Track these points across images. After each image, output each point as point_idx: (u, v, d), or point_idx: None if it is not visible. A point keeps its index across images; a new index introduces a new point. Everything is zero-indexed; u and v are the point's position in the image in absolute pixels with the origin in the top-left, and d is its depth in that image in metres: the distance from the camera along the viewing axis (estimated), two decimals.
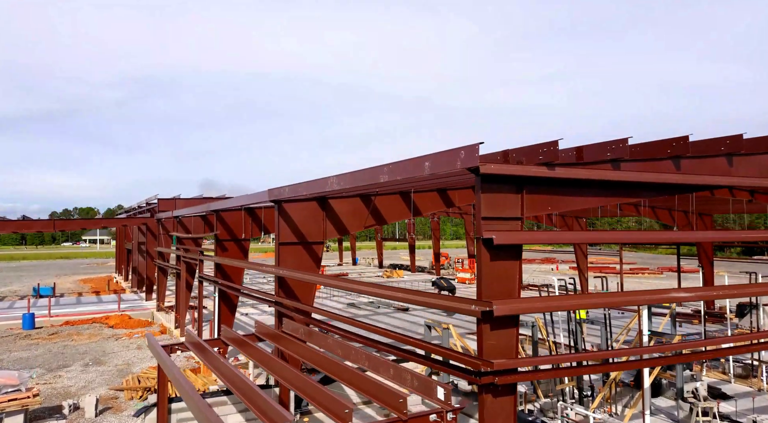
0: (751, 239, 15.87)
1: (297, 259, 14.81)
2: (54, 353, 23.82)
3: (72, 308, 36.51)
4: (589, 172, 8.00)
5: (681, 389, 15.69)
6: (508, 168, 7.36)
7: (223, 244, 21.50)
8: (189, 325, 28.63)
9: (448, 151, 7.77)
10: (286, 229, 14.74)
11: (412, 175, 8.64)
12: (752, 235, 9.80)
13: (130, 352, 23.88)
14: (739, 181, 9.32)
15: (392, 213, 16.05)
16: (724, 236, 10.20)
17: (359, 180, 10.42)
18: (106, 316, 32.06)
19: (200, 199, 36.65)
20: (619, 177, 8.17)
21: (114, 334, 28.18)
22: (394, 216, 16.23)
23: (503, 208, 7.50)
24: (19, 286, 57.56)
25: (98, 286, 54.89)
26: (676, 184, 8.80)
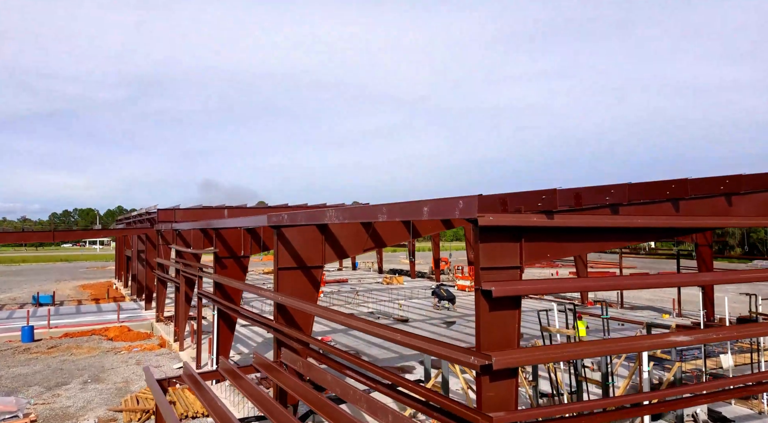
0: (754, 280, 16.05)
1: (296, 284, 14.76)
2: (53, 369, 23.79)
3: (71, 318, 36.49)
4: (588, 219, 7.98)
5: (681, 415, 15.67)
6: (506, 219, 7.33)
7: (222, 262, 21.47)
8: (188, 337, 28.62)
9: (447, 199, 7.75)
10: (285, 254, 14.70)
11: (410, 218, 8.61)
12: (755, 275, 9.77)
13: (129, 367, 23.84)
14: (738, 222, 9.31)
15: (392, 236, 16.03)
16: (728, 278, 10.17)
17: (357, 217, 10.39)
18: (105, 328, 32.03)
19: (200, 210, 36.62)
20: (618, 223, 8.15)
21: (113, 347, 28.15)
22: (394, 239, 16.21)
23: (502, 257, 7.47)
24: (19, 292, 57.56)
25: (98, 293, 54.90)
26: (675, 228, 8.78)
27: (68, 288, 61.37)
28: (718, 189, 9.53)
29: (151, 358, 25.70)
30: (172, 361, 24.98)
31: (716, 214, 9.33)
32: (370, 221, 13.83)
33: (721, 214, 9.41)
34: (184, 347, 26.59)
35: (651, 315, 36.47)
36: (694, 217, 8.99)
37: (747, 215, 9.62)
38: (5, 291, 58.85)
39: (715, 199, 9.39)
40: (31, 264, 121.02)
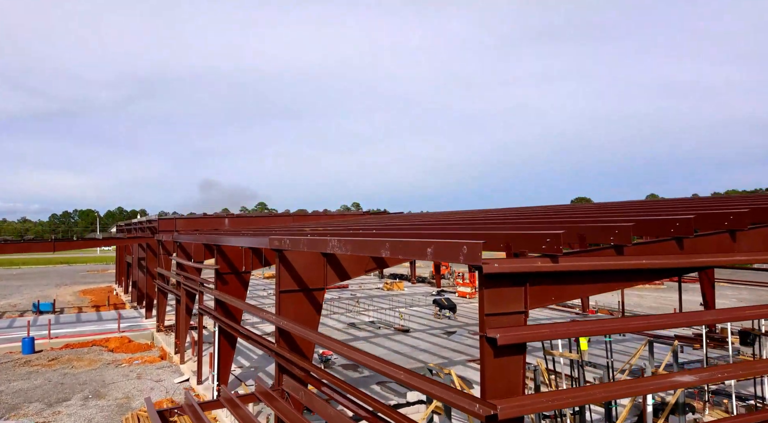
0: (756, 317, 16.17)
1: (298, 307, 14.72)
2: (54, 384, 23.74)
3: (72, 328, 36.46)
4: (594, 262, 7.93)
5: None
6: (511, 265, 7.29)
7: (223, 278, 21.41)
8: (189, 348, 28.57)
9: (451, 243, 7.70)
10: (286, 277, 14.67)
11: (413, 258, 8.57)
12: (757, 311, 9.73)
13: (130, 382, 23.79)
14: (743, 258, 9.27)
15: (395, 259, 15.98)
16: (732, 316, 10.13)
17: (359, 249, 10.35)
18: (106, 339, 31.99)
19: (201, 219, 36.62)
20: (623, 265, 8.10)
21: (114, 359, 28.11)
22: (397, 261, 16.17)
23: (506, 303, 7.43)
24: (19, 298, 57.52)
25: (98, 300, 54.84)
26: (679, 268, 8.74)
27: (68, 293, 61.32)
28: (722, 225, 9.49)
29: (152, 371, 25.66)
30: (172, 375, 24.93)
31: (721, 250, 9.29)
32: (372, 256, 13.72)
33: (726, 250, 9.36)
34: (185, 360, 26.55)
35: None
36: (700, 255, 8.94)
37: (751, 251, 9.58)
38: (5, 297, 58.81)
39: (720, 235, 9.35)
40: (32, 267, 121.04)
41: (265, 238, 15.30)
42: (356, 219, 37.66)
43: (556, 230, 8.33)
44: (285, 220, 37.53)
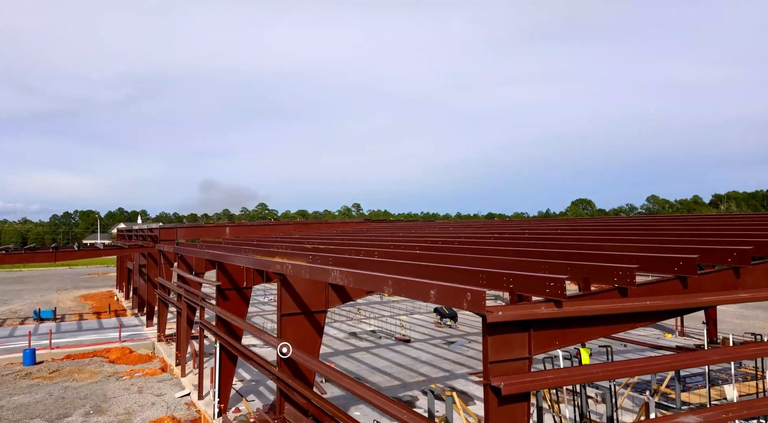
0: (758, 355, 16.26)
1: (299, 330, 14.71)
2: (54, 398, 23.72)
3: (73, 337, 36.43)
4: (598, 307, 7.90)
5: None
6: (515, 313, 7.26)
7: (224, 294, 21.37)
8: (190, 359, 28.55)
9: (455, 288, 7.69)
10: (288, 300, 14.65)
11: (415, 298, 8.55)
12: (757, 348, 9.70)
13: (131, 396, 23.77)
14: (746, 297, 9.23)
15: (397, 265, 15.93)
16: (738, 355, 10.09)
17: (361, 283, 10.32)
18: (107, 349, 31.98)
19: (202, 228, 36.59)
20: (627, 309, 8.07)
21: (115, 371, 28.09)
22: None
23: (510, 349, 7.41)
24: (20, 304, 57.55)
25: (99, 306, 54.83)
26: (683, 309, 8.71)
27: (69, 299, 61.33)
28: (725, 261, 9.46)
29: (153, 384, 25.64)
30: (173, 388, 24.91)
31: (725, 288, 9.25)
32: (373, 291, 13.63)
33: (730, 287, 9.33)
34: (186, 372, 26.51)
35: (654, 334, 36.37)
36: (704, 293, 8.91)
37: (756, 287, 9.54)
38: (6, 302, 58.83)
39: (723, 272, 9.32)
40: (33, 269, 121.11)
41: (269, 261, 15.29)
42: (357, 228, 37.62)
43: (558, 273, 8.31)
44: (286, 229, 37.48)
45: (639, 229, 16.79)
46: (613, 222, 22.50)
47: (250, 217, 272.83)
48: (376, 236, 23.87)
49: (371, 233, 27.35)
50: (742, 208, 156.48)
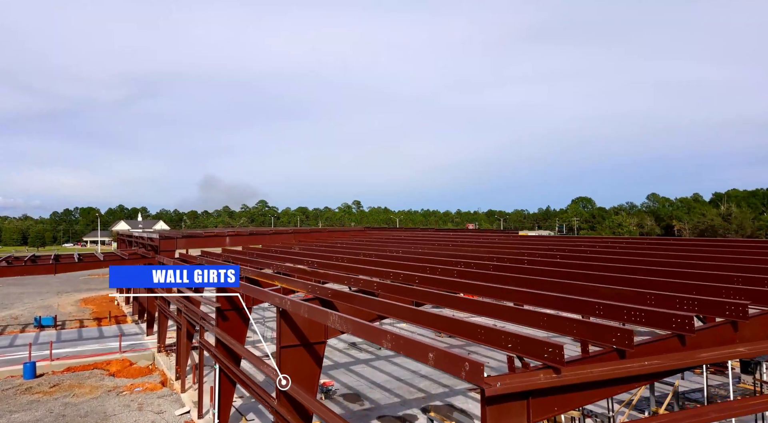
0: (760, 410, 16.29)
1: (299, 362, 14.70)
2: (55, 416, 23.79)
3: (73, 347, 36.49)
4: (596, 370, 7.90)
5: None
6: (512, 384, 7.26)
7: (224, 314, 21.38)
8: (190, 373, 28.60)
9: (454, 356, 7.69)
10: (287, 333, 14.65)
11: (412, 358, 8.57)
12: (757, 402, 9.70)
13: (131, 414, 23.83)
14: (744, 352, 9.23)
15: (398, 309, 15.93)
16: (742, 410, 10.09)
17: (360, 333, 10.34)
18: (107, 362, 32.05)
19: (202, 238, 36.61)
20: (626, 372, 8.07)
21: (115, 385, 28.15)
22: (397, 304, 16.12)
23: (509, 417, 7.41)
24: (21, 308, 57.65)
25: (100, 310, 54.92)
26: (681, 368, 8.72)
27: (69, 303, 61.42)
28: (722, 314, 9.46)
29: (153, 400, 25.70)
30: (173, 405, 24.97)
31: (723, 343, 9.25)
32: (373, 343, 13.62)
33: (728, 342, 9.32)
34: (185, 388, 26.59)
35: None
36: (702, 350, 8.91)
37: (753, 340, 9.53)
38: (7, 307, 58.95)
39: (721, 327, 9.32)
40: None
41: (268, 291, 15.31)
42: (355, 238, 37.64)
43: (557, 341, 8.29)
44: (287, 238, 37.51)
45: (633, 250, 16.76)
46: (599, 254, 22.42)
47: (251, 214, 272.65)
48: (376, 254, 23.83)
49: (371, 249, 27.34)
50: (742, 207, 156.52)
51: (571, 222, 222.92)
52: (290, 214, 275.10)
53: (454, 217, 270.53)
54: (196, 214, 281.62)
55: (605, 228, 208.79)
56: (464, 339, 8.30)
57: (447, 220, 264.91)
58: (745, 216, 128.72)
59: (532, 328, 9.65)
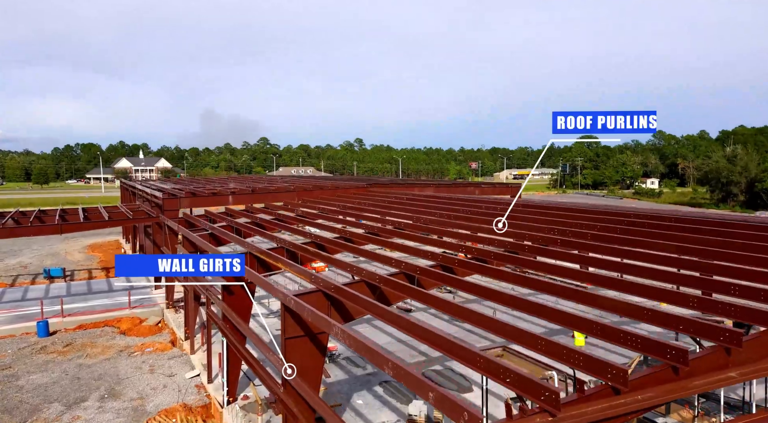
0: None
1: (303, 352, 15.17)
2: (70, 378, 24.80)
3: (83, 301, 37.43)
4: (591, 409, 8.20)
5: None
6: None
7: (229, 288, 21.81)
8: (199, 332, 29.50)
9: (453, 403, 7.96)
10: (292, 325, 15.03)
11: (413, 390, 8.87)
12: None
13: (143, 377, 24.81)
14: (736, 378, 9.51)
15: (398, 298, 16.25)
16: None
17: (361, 351, 10.61)
18: (117, 319, 33.01)
19: (206, 197, 36.72)
20: (621, 410, 8.37)
21: (126, 345, 29.14)
22: (400, 299, 16.46)
23: None
24: (29, 256, 58.74)
25: (107, 259, 55.96)
26: (675, 399, 9.00)
27: (77, 250, 62.47)
28: (717, 339, 9.67)
29: (164, 362, 26.69)
30: (184, 367, 25.96)
31: (716, 368, 9.51)
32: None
33: (721, 367, 9.59)
34: (195, 349, 27.51)
35: (651, 305, 37.14)
36: (695, 378, 9.19)
37: (747, 363, 9.79)
38: (15, 254, 60.04)
39: (714, 354, 9.55)
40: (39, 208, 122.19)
41: (273, 284, 15.55)
42: (360, 195, 37.72)
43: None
44: (289, 196, 37.62)
45: None
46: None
47: (253, 152, 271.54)
48: (378, 228, 23.95)
49: (374, 213, 27.45)
50: (748, 147, 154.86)
51: (575, 161, 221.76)
52: (292, 152, 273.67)
53: (457, 155, 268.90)
54: (198, 151, 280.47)
55: (609, 167, 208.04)
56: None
57: (450, 158, 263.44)
58: (751, 158, 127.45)
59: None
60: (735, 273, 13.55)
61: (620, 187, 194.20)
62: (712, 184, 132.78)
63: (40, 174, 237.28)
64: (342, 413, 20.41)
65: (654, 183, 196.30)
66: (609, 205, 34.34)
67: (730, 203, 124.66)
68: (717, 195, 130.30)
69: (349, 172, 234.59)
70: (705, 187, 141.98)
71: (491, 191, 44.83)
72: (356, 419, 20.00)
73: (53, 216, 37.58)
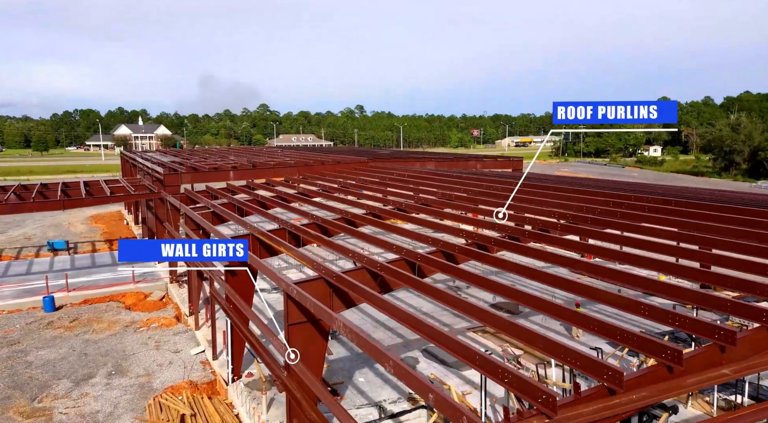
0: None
1: (306, 338, 15.46)
2: (78, 354, 25.31)
3: (88, 275, 37.83)
4: (588, 409, 8.44)
5: None
6: None
7: (232, 270, 22.04)
8: (203, 307, 29.93)
9: (453, 407, 8.19)
10: (295, 312, 15.28)
11: (413, 390, 9.12)
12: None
13: (149, 353, 25.31)
14: (729, 375, 9.76)
15: (397, 285, 16.46)
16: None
17: (363, 347, 10.84)
18: (122, 294, 33.44)
19: (207, 173, 36.70)
20: (618, 410, 8.61)
21: (132, 320, 29.62)
22: (399, 284, 16.66)
23: None
24: (33, 227, 59.08)
25: (110, 230, 56.33)
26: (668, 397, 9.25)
27: (79, 220, 62.75)
28: (712, 337, 9.87)
29: (169, 338, 27.18)
30: (189, 343, 26.45)
31: (711, 365, 9.74)
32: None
33: (716, 364, 9.82)
34: (199, 325, 27.97)
35: (650, 274, 37.43)
36: (689, 376, 9.42)
37: (741, 360, 10.01)
38: (19, 225, 60.34)
39: (708, 351, 9.76)
40: (39, 176, 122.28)
41: (276, 273, 15.72)
42: (361, 171, 37.71)
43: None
44: (291, 172, 37.59)
45: None
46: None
47: (252, 118, 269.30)
48: (379, 208, 24.03)
49: (375, 191, 27.51)
50: (754, 114, 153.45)
51: (577, 127, 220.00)
52: (292, 119, 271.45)
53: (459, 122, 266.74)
54: (197, 117, 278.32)
55: (612, 134, 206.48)
56: (457, 357, 8.74)
57: (452, 125, 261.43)
58: (755, 126, 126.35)
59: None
60: (733, 248, 14.27)
61: (623, 155, 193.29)
62: (714, 153, 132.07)
63: (40, 141, 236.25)
64: (344, 391, 20.92)
65: (657, 151, 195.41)
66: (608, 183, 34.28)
67: (732, 172, 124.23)
68: (719, 163, 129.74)
69: (349, 141, 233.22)
70: (708, 156, 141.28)
71: (493, 165, 44.73)
72: (358, 397, 20.47)
73: (55, 190, 37.65)
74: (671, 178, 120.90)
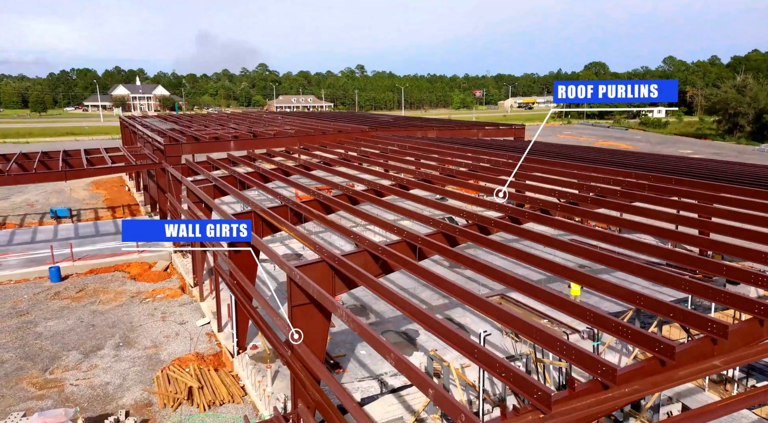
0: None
1: (309, 319, 15.82)
2: (86, 325, 25.88)
3: (92, 244, 38.23)
4: (582, 403, 8.77)
5: (658, 406, 17.59)
6: None
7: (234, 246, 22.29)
8: (207, 278, 30.38)
9: (452, 404, 8.50)
10: (298, 294, 15.58)
11: (415, 385, 9.44)
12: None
13: (156, 325, 25.86)
14: (720, 367, 10.06)
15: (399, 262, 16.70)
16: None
17: (365, 337, 11.11)
18: (127, 264, 33.89)
19: (208, 143, 36.57)
20: (611, 405, 8.94)
21: (137, 291, 30.12)
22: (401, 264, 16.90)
23: None
24: (35, 193, 59.23)
25: (112, 197, 56.54)
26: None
27: (81, 187, 62.84)
28: (704, 330, 10.13)
29: (175, 309, 27.71)
30: (194, 314, 26.99)
31: (702, 357, 10.03)
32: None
33: (707, 355, 10.11)
34: (204, 296, 28.46)
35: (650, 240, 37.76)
36: (681, 368, 9.72)
37: (732, 350, 10.30)
38: (21, 191, 60.48)
39: (701, 343, 10.04)
40: (38, 138, 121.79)
41: (279, 259, 15.92)
42: (363, 141, 37.55)
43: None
44: (291, 141, 37.47)
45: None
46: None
47: (251, 79, 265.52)
48: (381, 186, 24.05)
49: (380, 163, 27.47)
50: (761, 74, 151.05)
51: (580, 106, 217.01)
52: (292, 79, 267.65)
53: (461, 82, 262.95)
54: (195, 77, 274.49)
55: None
56: (461, 352, 9.03)
57: (454, 85, 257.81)
58: (761, 88, 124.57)
59: None
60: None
61: (626, 116, 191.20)
62: (719, 115, 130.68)
63: (38, 101, 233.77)
64: (346, 364, 21.50)
65: (661, 112, 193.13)
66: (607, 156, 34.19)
67: (736, 134, 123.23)
68: (723, 126, 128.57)
69: (350, 102, 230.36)
70: (712, 118, 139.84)
71: (495, 134, 44.44)
72: (360, 370, 21.05)
73: (56, 159, 37.63)
74: (674, 141, 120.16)
